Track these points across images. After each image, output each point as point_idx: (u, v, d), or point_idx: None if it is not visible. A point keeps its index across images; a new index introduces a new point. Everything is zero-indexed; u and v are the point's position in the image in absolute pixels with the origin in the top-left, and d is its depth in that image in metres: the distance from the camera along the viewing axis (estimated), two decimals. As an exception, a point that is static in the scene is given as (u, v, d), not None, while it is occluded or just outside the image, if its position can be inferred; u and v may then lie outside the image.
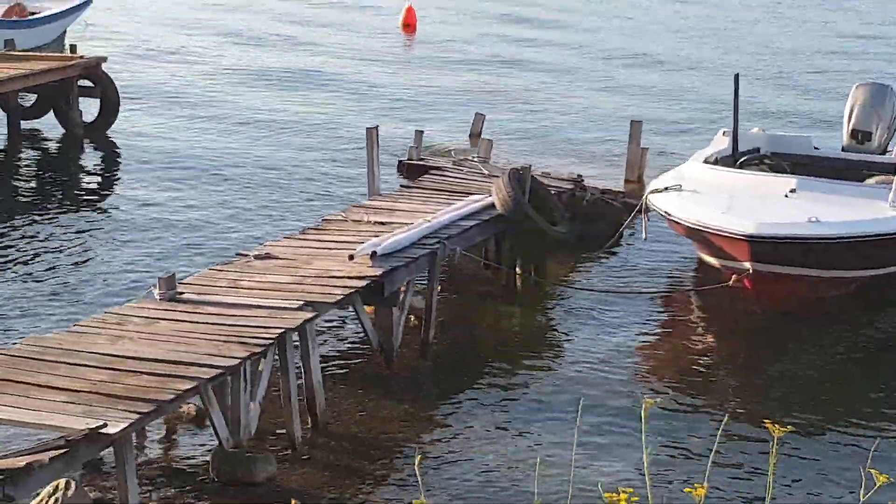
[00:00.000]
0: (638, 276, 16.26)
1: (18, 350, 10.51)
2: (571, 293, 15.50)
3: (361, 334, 13.49)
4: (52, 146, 22.16)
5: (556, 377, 13.25)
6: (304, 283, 12.60)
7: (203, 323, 11.42)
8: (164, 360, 10.41)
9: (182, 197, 19.04)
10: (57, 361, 10.26)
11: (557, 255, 16.27)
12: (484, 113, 23.70)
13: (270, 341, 11.01)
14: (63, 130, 22.34)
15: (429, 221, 14.47)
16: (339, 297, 12.23)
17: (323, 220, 15.34)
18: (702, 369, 13.75)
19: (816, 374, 13.68)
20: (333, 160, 21.61)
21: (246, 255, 13.59)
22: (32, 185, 20.32)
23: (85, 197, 19.61)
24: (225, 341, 10.93)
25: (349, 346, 13.86)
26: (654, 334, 14.72)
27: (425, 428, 12.03)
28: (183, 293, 12.22)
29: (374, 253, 13.24)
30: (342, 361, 13.35)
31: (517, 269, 15.68)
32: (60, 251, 16.55)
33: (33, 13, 29.33)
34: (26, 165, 21.40)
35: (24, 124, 22.51)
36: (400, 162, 21.42)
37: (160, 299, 12.08)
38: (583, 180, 17.93)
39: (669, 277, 16.54)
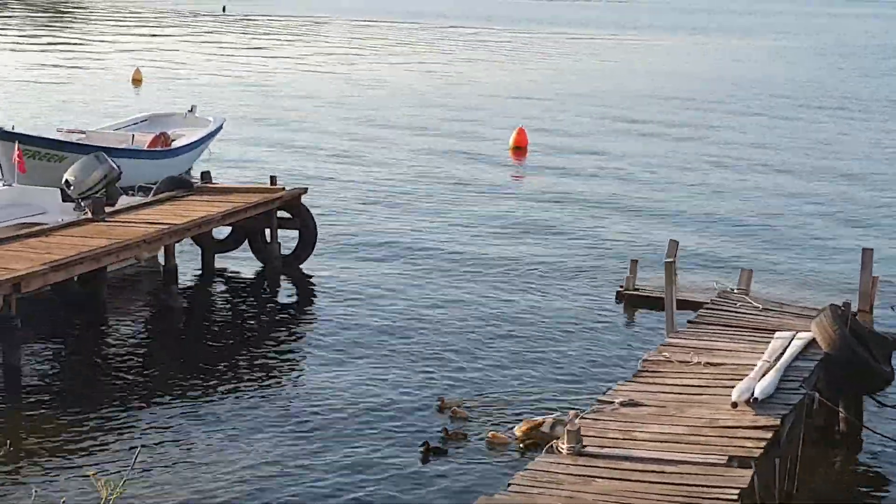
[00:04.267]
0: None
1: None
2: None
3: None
4: (250, 281, 21.29)
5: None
6: (703, 433, 11.80)
7: (640, 481, 10.59)
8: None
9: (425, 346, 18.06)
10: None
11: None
12: (677, 240, 23.22)
13: None
14: (260, 264, 21.56)
15: (769, 363, 13.78)
16: (760, 451, 11.45)
17: (643, 360, 14.58)
18: None
19: None
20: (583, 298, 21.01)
21: (610, 403, 12.80)
22: (246, 322, 19.40)
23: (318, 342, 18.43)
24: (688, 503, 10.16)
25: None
26: None
27: None
28: (586, 446, 11.42)
29: (755, 399, 12.52)
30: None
31: (840, 411, 14.95)
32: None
33: (173, 140, 28.81)
34: (226, 302, 20.55)
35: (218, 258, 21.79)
36: (618, 292, 20.85)
37: (567, 453, 11.27)
38: (855, 315, 17.25)
39: None
